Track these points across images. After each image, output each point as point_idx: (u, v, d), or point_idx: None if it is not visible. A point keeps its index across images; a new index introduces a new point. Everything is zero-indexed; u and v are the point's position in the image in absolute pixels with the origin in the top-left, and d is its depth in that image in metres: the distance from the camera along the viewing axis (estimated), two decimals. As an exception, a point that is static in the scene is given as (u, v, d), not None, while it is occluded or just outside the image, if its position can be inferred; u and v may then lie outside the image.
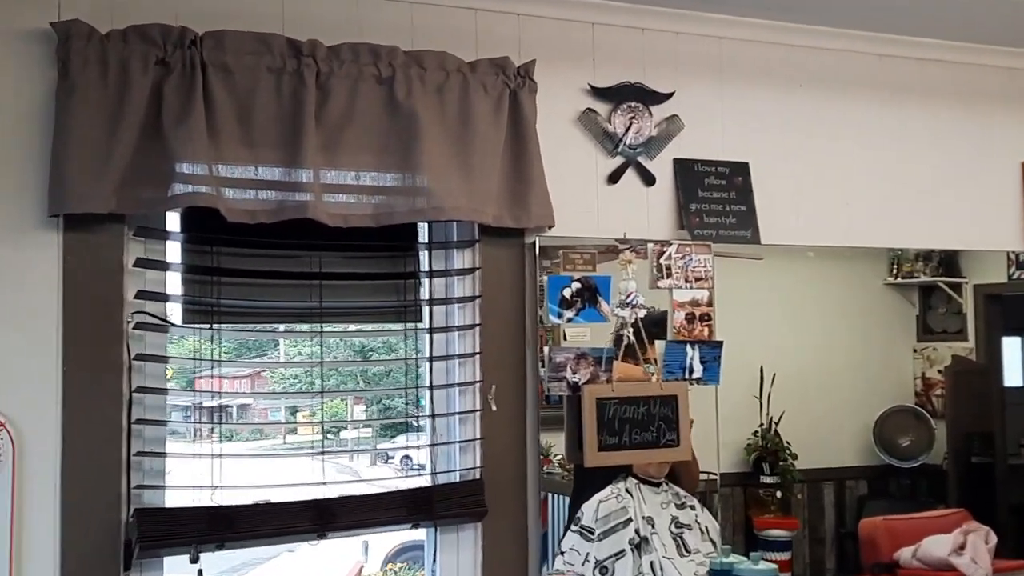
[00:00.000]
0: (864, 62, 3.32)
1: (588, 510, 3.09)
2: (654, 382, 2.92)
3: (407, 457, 3.21)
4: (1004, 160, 3.47)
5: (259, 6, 2.63)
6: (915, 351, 5.22)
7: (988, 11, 3.06)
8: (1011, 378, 5.25)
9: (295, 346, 3.33)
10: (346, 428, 4.46)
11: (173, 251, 2.57)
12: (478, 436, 2.79)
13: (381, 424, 3.78)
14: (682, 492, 3.32)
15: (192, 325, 2.58)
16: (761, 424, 4.75)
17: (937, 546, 3.88)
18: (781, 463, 4.72)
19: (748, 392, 4.71)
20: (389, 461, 4.81)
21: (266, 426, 4.59)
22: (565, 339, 2.87)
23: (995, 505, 4.67)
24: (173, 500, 2.52)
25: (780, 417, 4.75)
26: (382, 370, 3.10)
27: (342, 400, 4.53)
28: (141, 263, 2.51)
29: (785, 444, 4.77)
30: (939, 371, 5.14)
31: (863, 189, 3.32)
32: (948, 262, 4.94)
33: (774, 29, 3.15)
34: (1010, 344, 5.21)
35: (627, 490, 3.17)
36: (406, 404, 2.87)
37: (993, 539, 3.91)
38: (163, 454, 2.51)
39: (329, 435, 3.89)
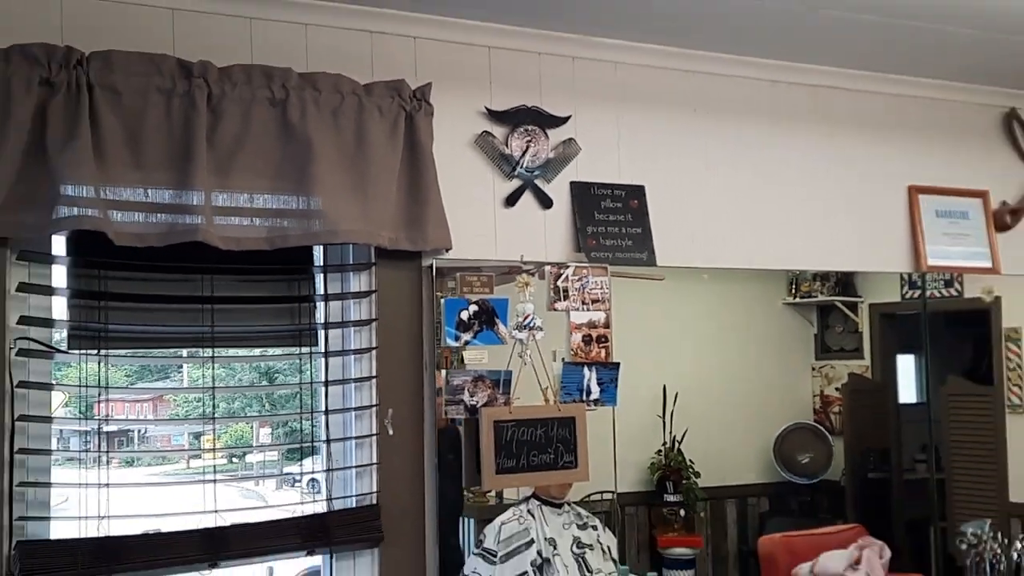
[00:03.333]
0: (758, 88, 3.37)
1: (490, 532, 3.08)
2: (552, 404, 2.92)
3: (314, 480, 3.16)
4: (893, 184, 3.54)
5: (148, 24, 2.57)
6: (813, 369, 5.32)
7: (875, 39, 3.13)
8: (906, 395, 5.38)
9: (198, 368, 3.26)
10: (252, 452, 4.40)
11: (59, 275, 2.49)
12: (374, 461, 2.75)
13: (287, 448, 3.72)
14: (584, 512, 3.34)
15: (78, 351, 2.50)
16: (664, 443, 4.80)
17: (833, 562, 3.95)
18: (684, 482, 4.77)
19: (651, 412, 4.76)
20: (296, 485, 4.74)
21: (166, 452, 4.52)
22: (463, 362, 2.85)
23: (890, 520, 4.78)
24: (58, 531, 2.43)
25: (683, 436, 4.80)
26: (289, 392, 3.04)
27: (248, 424, 4.46)
28: (24, 288, 2.43)
29: (688, 463, 4.82)
30: (836, 389, 5.25)
31: (759, 212, 3.36)
32: (845, 282, 5.05)
33: (669, 55, 3.18)
34: (904, 362, 5.34)
35: (529, 511, 3.18)
36: (312, 427, 2.81)
37: (887, 554, 4.00)
38: (47, 484, 2.43)
39: (234, 459, 3.81)
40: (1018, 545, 3.60)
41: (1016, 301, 4.57)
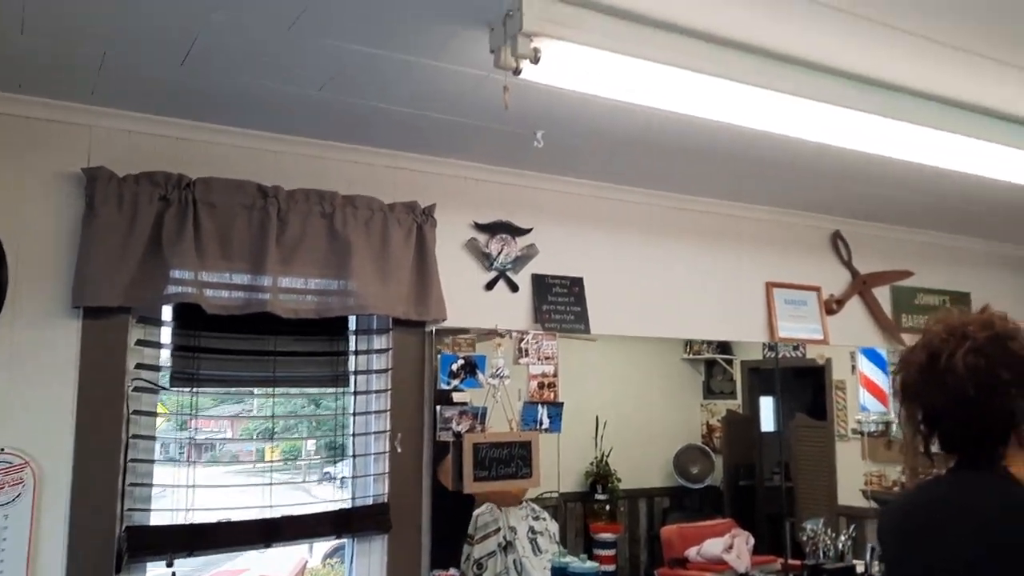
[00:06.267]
0: (664, 212, 3.39)
1: (470, 522, 3.05)
2: (515, 431, 2.90)
3: (345, 479, 3.12)
4: (755, 280, 3.56)
5: (238, 159, 2.58)
6: (702, 406, 5.33)
7: (745, 181, 3.18)
8: (766, 425, 5.40)
9: (265, 400, 3.22)
10: (300, 458, 4.34)
11: (166, 334, 2.48)
12: (386, 471, 2.71)
13: (324, 455, 3.68)
14: (537, 508, 3.31)
15: (177, 389, 2.48)
16: (596, 457, 4.78)
17: (713, 546, 3.93)
18: (609, 485, 4.74)
19: (587, 434, 4.74)
20: (333, 480, 4.68)
21: (237, 464, 4.42)
22: (452, 400, 2.84)
23: (754, 516, 4.75)
24: (156, 519, 2.39)
25: (609, 452, 4.79)
26: (328, 419, 3.02)
27: (299, 437, 4.39)
28: (141, 343, 2.42)
29: (613, 471, 4.80)
30: (718, 420, 5.25)
31: (663, 297, 3.36)
32: (723, 345, 5.09)
33: (602, 188, 3.21)
34: (765, 402, 5.37)
35: (498, 506, 3.15)
36: (343, 444, 2.78)
37: (752, 541, 3.97)
38: (150, 485, 2.39)
39: (287, 462, 3.76)
40: (842, 537, 3.59)
41: (841, 362, 4.62)
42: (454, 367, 2.82)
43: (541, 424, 2.98)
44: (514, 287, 3.02)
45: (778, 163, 2.89)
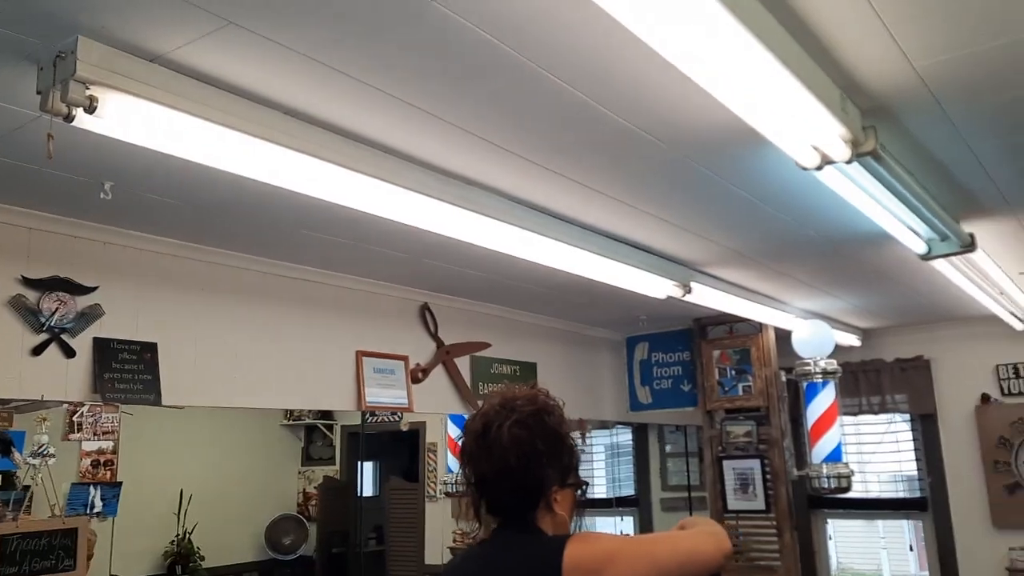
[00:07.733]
0: (255, 276, 3.26)
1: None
2: (58, 518, 2.54)
3: None
4: (346, 348, 3.56)
5: None
6: (299, 473, 5.26)
7: (342, 254, 3.20)
8: (364, 490, 5.49)
9: None
10: None
11: None
12: None
13: None
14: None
15: None
16: (178, 534, 4.43)
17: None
18: (191, 564, 4.42)
19: (169, 511, 4.38)
20: None
21: None
22: (-26, 486, 2.41)
23: (345, 584, 4.74)
24: None
25: (194, 528, 4.47)
26: None
27: None
28: None
29: (196, 549, 4.48)
30: (315, 487, 5.21)
31: (249, 364, 3.21)
32: (324, 410, 5.08)
33: (183, 247, 3.00)
34: (366, 466, 5.47)
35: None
36: None
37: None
38: None
39: None
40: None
41: (436, 426, 4.88)
42: (-19, 446, 2.40)
43: (93, 508, 2.67)
44: (70, 352, 2.67)
45: (369, 238, 2.98)
